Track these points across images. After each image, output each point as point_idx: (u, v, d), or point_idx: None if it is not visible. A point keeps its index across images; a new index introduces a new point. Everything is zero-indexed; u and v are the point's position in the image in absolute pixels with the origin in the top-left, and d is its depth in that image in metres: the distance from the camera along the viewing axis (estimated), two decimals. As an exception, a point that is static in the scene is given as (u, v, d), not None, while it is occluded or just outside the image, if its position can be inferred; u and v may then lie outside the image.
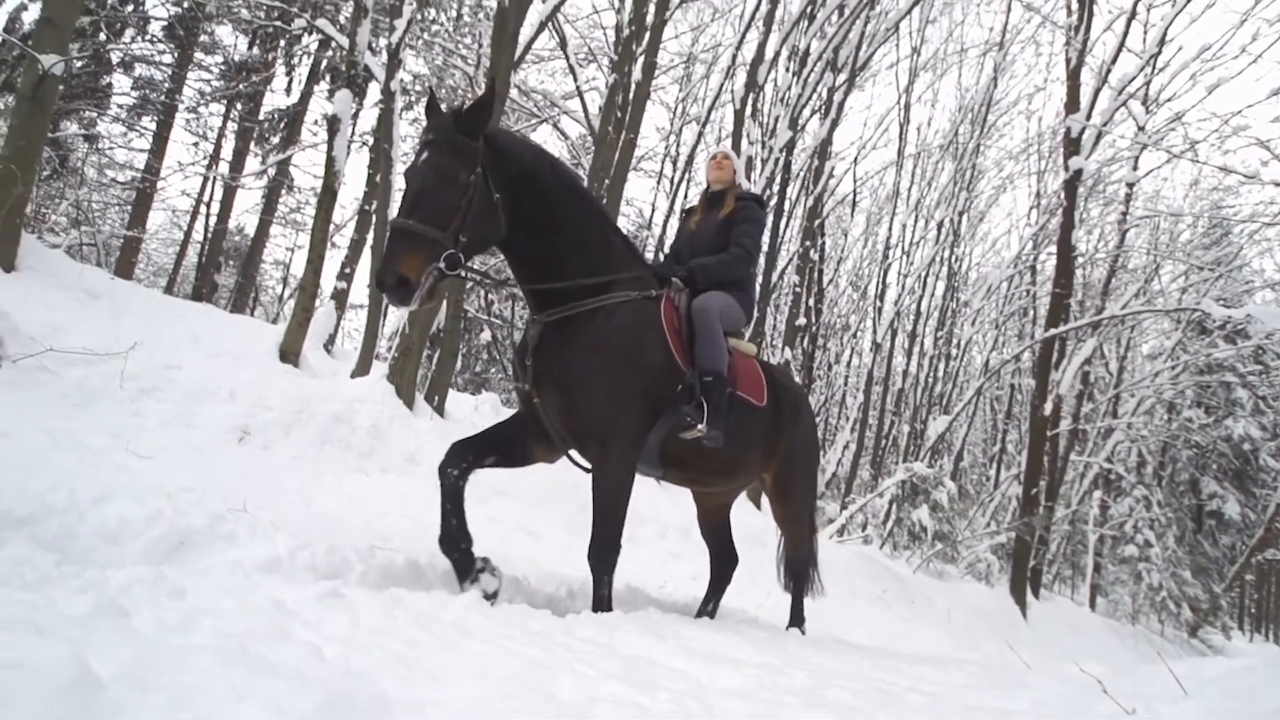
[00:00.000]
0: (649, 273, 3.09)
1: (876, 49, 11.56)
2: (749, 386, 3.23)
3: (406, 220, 2.41)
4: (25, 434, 3.03)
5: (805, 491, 3.86)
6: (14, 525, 1.69)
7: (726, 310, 3.16)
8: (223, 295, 17.77)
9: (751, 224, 3.43)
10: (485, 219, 2.56)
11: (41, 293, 6.15)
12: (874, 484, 16.73)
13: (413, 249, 2.38)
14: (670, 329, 2.93)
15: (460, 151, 2.51)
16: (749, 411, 3.20)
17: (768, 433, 3.39)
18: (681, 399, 2.84)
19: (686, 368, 2.91)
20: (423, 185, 2.48)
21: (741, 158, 9.04)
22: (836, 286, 20.29)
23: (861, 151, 16.24)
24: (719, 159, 3.69)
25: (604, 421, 2.70)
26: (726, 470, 3.31)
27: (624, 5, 11.95)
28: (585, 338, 2.73)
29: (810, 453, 3.93)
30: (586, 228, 2.88)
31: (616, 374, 2.72)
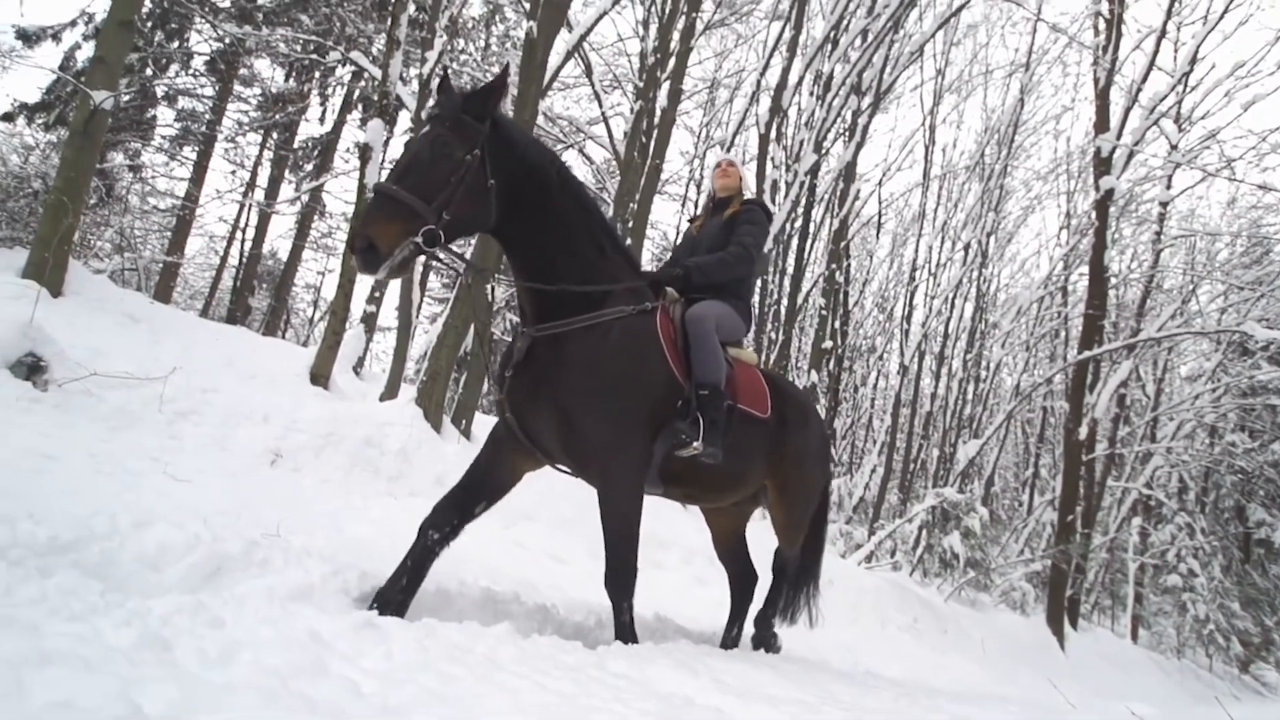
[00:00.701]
0: (645, 283, 2.97)
1: (901, 73, 11.57)
2: (750, 397, 3.09)
3: (391, 186, 2.31)
4: (69, 457, 3.11)
5: (806, 500, 3.65)
6: (60, 551, 1.72)
7: (723, 319, 3.04)
8: (255, 318, 18.18)
9: (754, 225, 3.31)
10: (474, 202, 2.45)
11: (86, 317, 6.34)
12: (903, 509, 16.41)
13: (390, 216, 2.27)
14: (666, 341, 2.81)
15: (461, 129, 2.43)
16: (751, 424, 3.07)
17: (771, 443, 3.25)
18: (678, 415, 2.72)
19: (684, 381, 2.79)
20: (415, 156, 2.41)
21: (766, 181, 9.07)
22: (862, 308, 20.13)
23: (886, 174, 16.20)
24: (724, 166, 3.60)
25: (606, 446, 2.60)
26: (728, 483, 3.18)
27: (648, 33, 12.15)
28: (581, 357, 2.61)
29: (818, 463, 3.70)
30: (583, 234, 2.76)
31: (617, 397, 2.61)
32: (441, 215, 2.34)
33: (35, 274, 6.33)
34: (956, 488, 12.45)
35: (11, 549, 1.64)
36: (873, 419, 23.75)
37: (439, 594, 2.59)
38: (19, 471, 2.52)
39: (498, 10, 14.24)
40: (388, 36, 7.86)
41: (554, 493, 6.14)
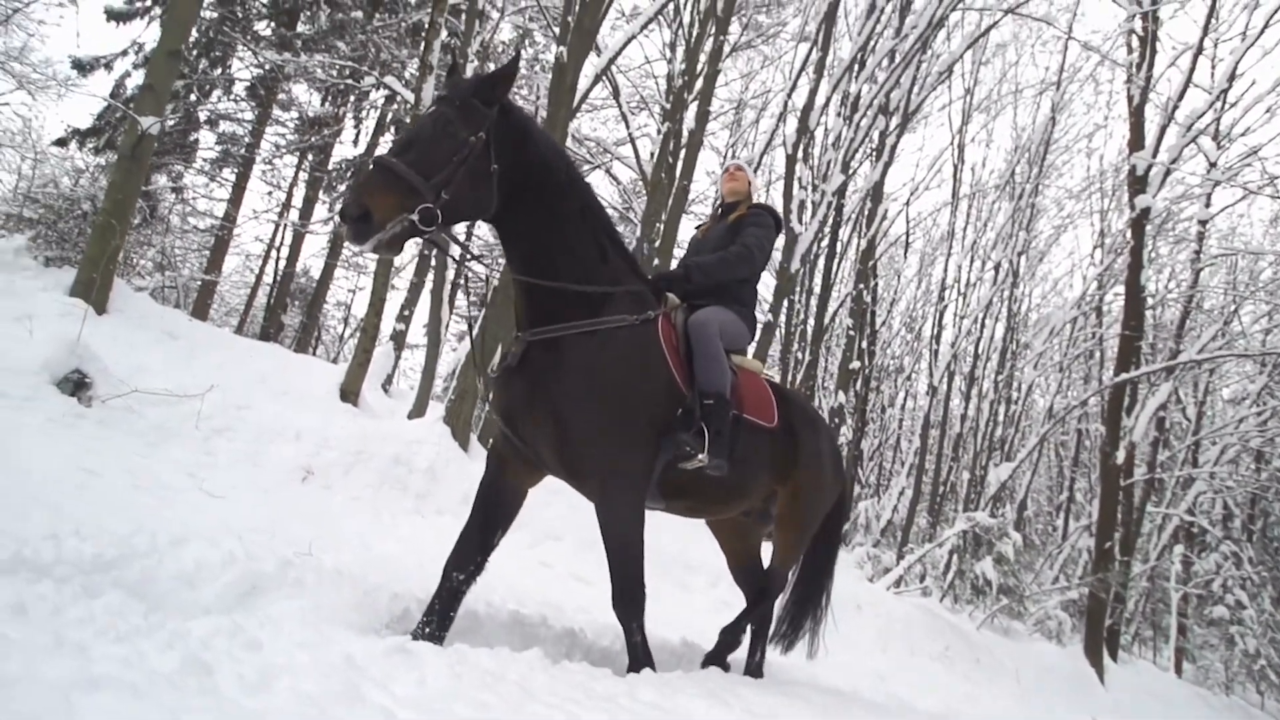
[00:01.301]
0: (647, 289, 2.86)
1: (929, 95, 11.52)
2: (756, 407, 2.97)
3: (390, 159, 2.25)
4: (110, 473, 3.18)
5: (815, 511, 3.45)
6: (103, 569, 1.75)
7: (727, 325, 2.93)
8: (288, 334, 18.55)
9: (759, 228, 3.20)
10: (475, 185, 2.36)
11: (128, 334, 6.53)
12: (932, 533, 16.05)
13: (386, 187, 2.20)
14: (669, 348, 2.69)
15: (468, 111, 2.36)
16: (757, 434, 2.95)
17: (778, 454, 3.12)
18: (680, 425, 2.59)
19: (686, 390, 2.67)
20: (418, 132, 2.35)
21: (793, 202, 9.07)
22: (889, 328, 19.91)
23: (914, 193, 16.08)
24: (732, 170, 3.50)
25: (606, 461, 2.49)
26: (732, 495, 3.05)
27: (675, 55, 12.29)
28: (580, 364, 2.49)
29: (831, 472, 3.49)
30: (586, 235, 2.65)
31: (617, 408, 2.49)
32: (440, 194, 2.26)
33: (82, 292, 6.55)
34: (988, 512, 12.15)
35: (58, 565, 1.68)
36: (900, 440, 23.36)
37: (467, 616, 2.59)
38: (64, 487, 2.59)
39: (527, 35, 14.52)
40: (421, 61, 8.06)
41: (579, 512, 6.12)
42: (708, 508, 3.12)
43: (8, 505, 1.94)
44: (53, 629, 1.14)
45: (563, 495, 6.05)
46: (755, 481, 3.07)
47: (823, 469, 3.40)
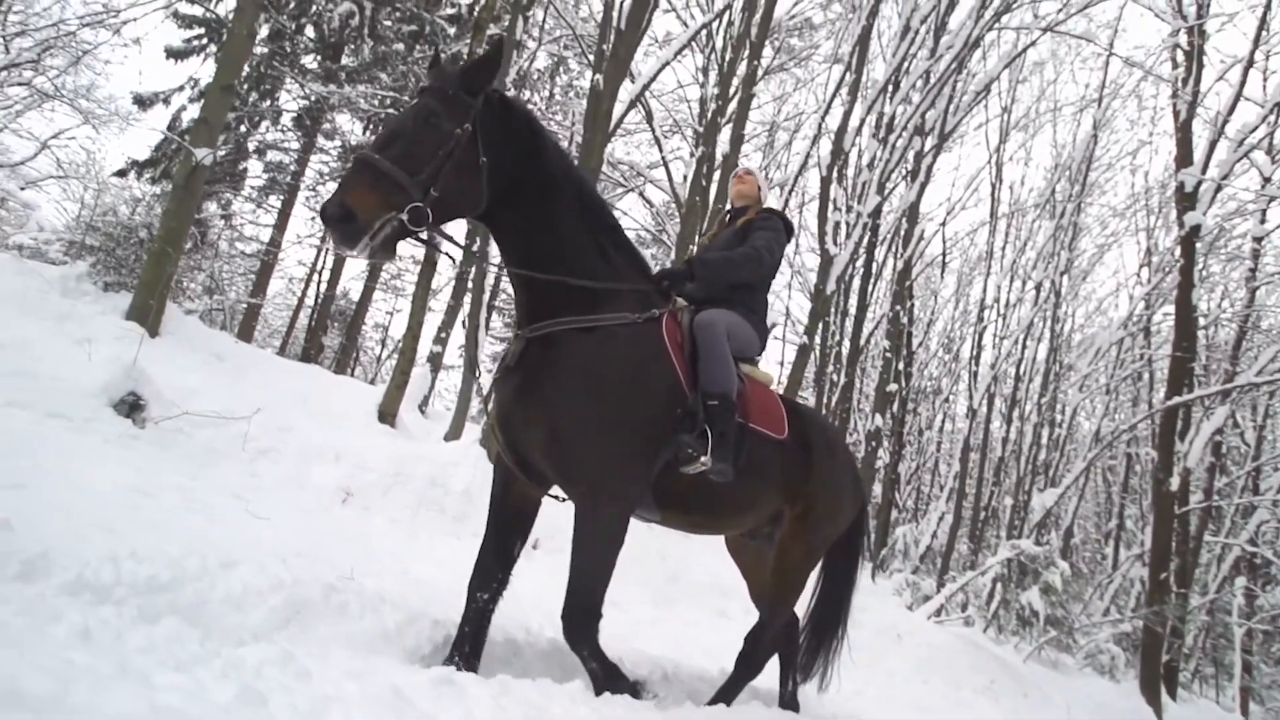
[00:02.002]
0: (653, 287, 2.72)
1: (966, 115, 11.40)
2: (764, 417, 2.79)
3: (372, 154, 2.11)
4: (162, 493, 3.26)
5: (827, 534, 3.19)
6: (158, 591, 1.79)
7: (735, 328, 2.78)
8: (327, 355, 18.99)
9: (769, 232, 3.05)
10: (463, 179, 2.23)
11: (179, 356, 6.76)
12: (974, 560, 15.56)
13: (371, 185, 2.07)
14: (673, 347, 2.54)
15: (451, 101, 2.23)
16: (765, 445, 2.76)
17: (788, 470, 2.90)
18: (681, 427, 2.42)
19: (690, 392, 2.51)
20: (400, 126, 2.22)
21: (829, 224, 9.02)
22: (926, 349, 19.55)
23: (950, 212, 15.87)
24: (741, 174, 3.40)
25: (598, 463, 2.31)
26: (736, 510, 2.85)
27: (708, 79, 12.40)
28: (578, 361, 2.36)
29: (847, 492, 3.25)
30: (585, 230, 2.52)
31: (614, 407, 2.33)
32: (429, 191, 2.13)
33: (138, 316, 6.82)
34: (1033, 539, 11.74)
35: (117, 587, 1.72)
36: (939, 464, 22.80)
37: (507, 644, 2.58)
38: (120, 508, 2.67)
39: (561, 62, 14.82)
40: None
41: (614, 536, 6.09)
42: (708, 522, 2.91)
43: (70, 526, 2.00)
44: (117, 655, 1.17)
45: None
46: (761, 497, 2.87)
47: (837, 490, 3.16)
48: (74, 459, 3.17)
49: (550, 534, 5.89)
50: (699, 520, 2.85)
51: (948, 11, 10.74)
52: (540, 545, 5.73)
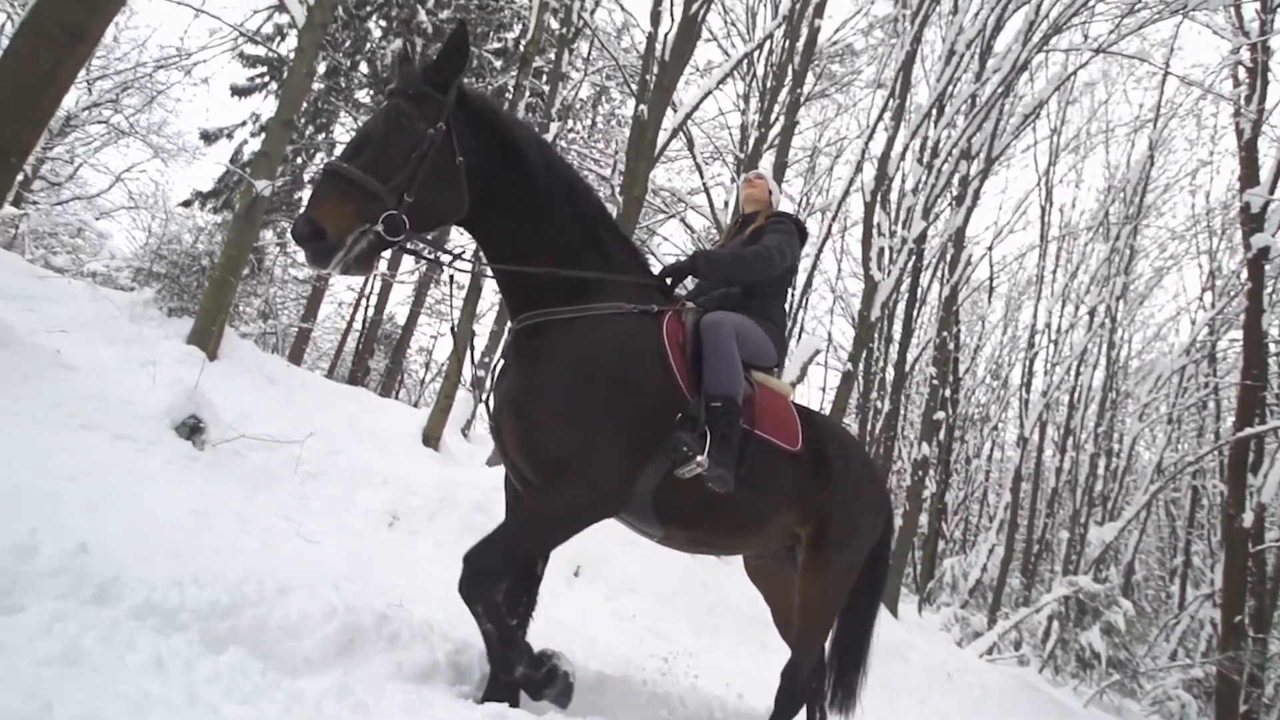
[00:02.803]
0: (653, 281, 2.56)
1: (1014, 139, 11.18)
2: (774, 426, 2.59)
3: (342, 164, 2.00)
4: (220, 516, 3.36)
5: (849, 560, 2.92)
6: (220, 616, 1.84)
7: (746, 331, 2.60)
8: (373, 378, 19.46)
9: (780, 234, 2.87)
10: (441, 184, 2.11)
11: (235, 379, 7.00)
12: (1027, 595, 14.92)
13: (341, 198, 1.95)
14: (673, 346, 2.37)
15: (421, 100, 2.11)
16: (776, 456, 2.56)
17: (802, 484, 2.69)
18: (680, 428, 2.26)
19: (691, 394, 2.34)
20: (370, 131, 2.10)
21: (873, 249, 8.92)
22: (973, 375, 19.05)
23: (998, 236, 15.53)
24: (752, 178, 3.30)
25: (569, 450, 2.14)
26: (743, 527, 2.63)
27: (748, 106, 12.47)
28: (560, 348, 2.23)
29: (869, 513, 2.99)
30: (573, 223, 2.38)
31: (595, 397, 2.17)
32: (403, 198, 2.01)
33: (198, 340, 7.10)
34: (1091, 575, 11.20)
35: (181, 612, 1.77)
36: (987, 493, 22.06)
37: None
38: (181, 530, 2.75)
39: (604, 92, 15.11)
40: (507, 122, 8.47)
41: (657, 564, 6.03)
42: (715, 539, 2.69)
43: (138, 549, 2.07)
44: (187, 685, 1.20)
45: (639, 545, 5.97)
46: (772, 513, 2.65)
47: (854, 509, 2.88)
48: (140, 481, 3.29)
49: (591, 561, 5.87)
50: (702, 537, 2.63)
51: (993, 35, 10.63)
52: (581, 573, 5.70)
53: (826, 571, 2.84)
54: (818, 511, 2.77)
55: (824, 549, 2.81)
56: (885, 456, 13.06)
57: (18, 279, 7.04)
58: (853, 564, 2.96)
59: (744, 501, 2.45)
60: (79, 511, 2.31)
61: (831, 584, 2.88)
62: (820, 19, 8.53)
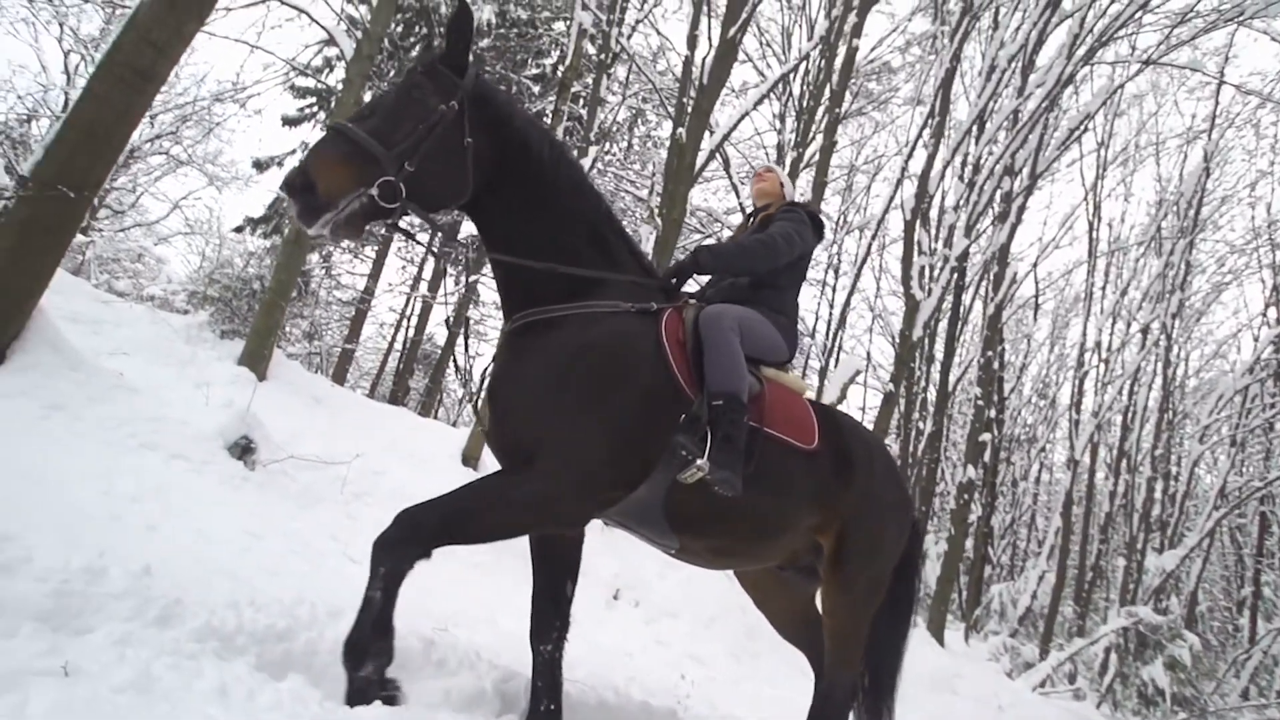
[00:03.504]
0: (657, 282, 2.47)
1: (1060, 155, 10.93)
2: (787, 424, 2.44)
3: (347, 124, 1.96)
4: (270, 536, 3.43)
5: (875, 568, 2.71)
6: (275, 639, 1.87)
7: (751, 324, 2.46)
8: (413, 398, 19.81)
9: (789, 222, 2.74)
10: (445, 160, 2.06)
11: (283, 399, 7.19)
12: (1081, 625, 14.30)
13: (340, 158, 1.90)
14: (672, 343, 2.26)
15: (437, 78, 2.10)
16: (789, 456, 2.41)
17: (823, 485, 2.52)
18: (682, 430, 2.15)
19: (693, 393, 2.22)
20: (382, 99, 2.09)
21: (914, 269, 8.78)
22: (1019, 395, 18.51)
23: (1043, 252, 15.14)
24: (761, 172, 3.18)
25: (539, 439, 2.03)
26: (762, 534, 2.44)
27: (784, 126, 12.48)
28: (546, 343, 2.16)
29: (892, 518, 2.79)
30: (575, 218, 2.32)
31: (574, 388, 2.07)
32: (403, 166, 1.95)
33: (249, 362, 7.33)
34: (1151, 605, 10.68)
35: (239, 635, 1.81)
36: (1035, 517, 21.32)
37: (600, 707, 2.53)
38: (235, 550, 2.82)
39: (639, 114, 15.29)
40: (546, 147, 8.62)
41: (696, 588, 5.96)
42: (734, 550, 2.51)
43: (196, 570, 2.12)
44: (249, 714, 1.22)
45: (678, 569, 5.91)
46: (790, 517, 2.48)
47: (878, 511, 2.69)
48: (196, 501, 3.38)
49: (631, 584, 5.83)
50: (720, 545, 2.47)
51: (1035, 49, 10.45)
52: (621, 596, 5.67)
53: (852, 587, 2.64)
54: (840, 516, 2.59)
55: (848, 561, 2.61)
56: (929, 478, 12.73)
57: (84, 303, 7.37)
58: (880, 575, 2.75)
59: (757, 505, 2.31)
60: (141, 532, 2.38)
61: (859, 601, 2.68)
62: (858, 39, 8.52)
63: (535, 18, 13.05)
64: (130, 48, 3.30)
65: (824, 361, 15.54)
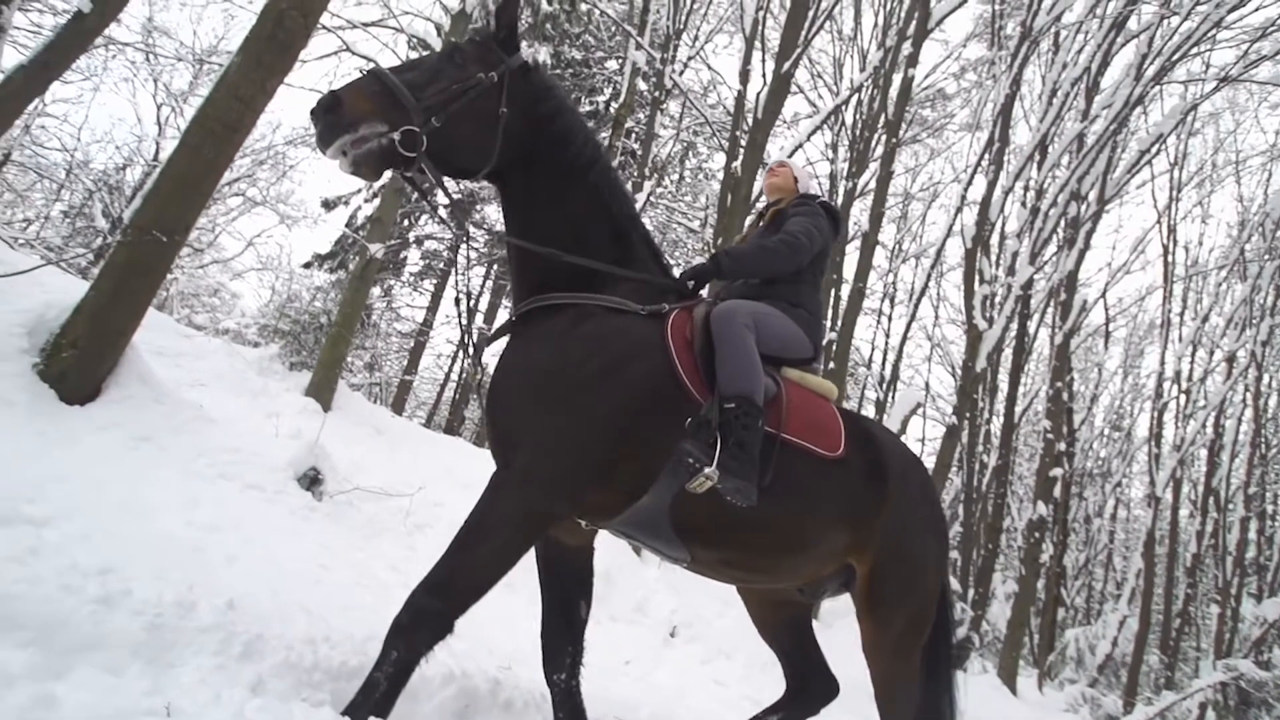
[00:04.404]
0: (672, 284, 2.35)
1: (1130, 178, 10.50)
2: (809, 429, 2.25)
3: (384, 69, 2.01)
4: (338, 567, 3.51)
5: (916, 598, 2.44)
6: (348, 677, 1.90)
7: (767, 321, 2.32)
8: (468, 428, 20.17)
9: (806, 217, 2.60)
10: (475, 124, 2.06)
11: (347, 430, 7.42)
12: (1169, 676, 13.30)
13: (373, 93, 1.94)
14: (677, 341, 2.13)
15: (483, 49, 2.14)
16: (812, 464, 2.22)
17: (853, 499, 2.31)
18: (689, 436, 2.00)
19: (702, 395, 2.08)
20: (424, 59, 2.15)
21: (976, 298, 8.52)
22: (1091, 427, 17.62)
23: (1114, 278, 14.50)
24: (774, 167, 3.04)
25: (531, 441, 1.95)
26: (781, 549, 2.24)
27: (836, 155, 12.42)
28: (546, 332, 2.09)
29: (929, 540, 2.53)
30: (597, 211, 2.26)
31: (568, 380, 1.98)
32: (430, 119, 1.96)
33: (315, 393, 7.61)
34: (1252, 658, 9.85)
35: (314, 672, 1.84)
36: (1112, 556, 20.09)
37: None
38: (306, 583, 2.88)
39: (690, 147, 15.48)
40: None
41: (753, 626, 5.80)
42: (748, 562, 2.28)
43: (274, 603, 2.18)
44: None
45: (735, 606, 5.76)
46: (814, 531, 2.26)
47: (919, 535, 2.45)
48: (269, 531, 3.49)
49: (688, 621, 5.72)
50: (733, 559, 2.27)
51: (1100, 71, 10.15)
52: (678, 634, 5.56)
53: (892, 621, 2.38)
54: (876, 537, 2.35)
55: (886, 591, 2.36)
56: (995, 514, 12.18)
57: (168, 337, 7.81)
58: (924, 608, 2.47)
59: (775, 517, 2.13)
60: (222, 563, 2.47)
61: (902, 637, 2.41)
62: (914, 68, 8.45)
63: (589, 57, 13.43)
64: (220, 102, 3.54)
65: (880, 392, 15.15)
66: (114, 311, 3.69)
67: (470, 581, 1.91)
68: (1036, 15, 8.95)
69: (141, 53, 11.24)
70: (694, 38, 11.76)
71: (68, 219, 14.25)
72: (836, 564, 2.40)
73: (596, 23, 12.80)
